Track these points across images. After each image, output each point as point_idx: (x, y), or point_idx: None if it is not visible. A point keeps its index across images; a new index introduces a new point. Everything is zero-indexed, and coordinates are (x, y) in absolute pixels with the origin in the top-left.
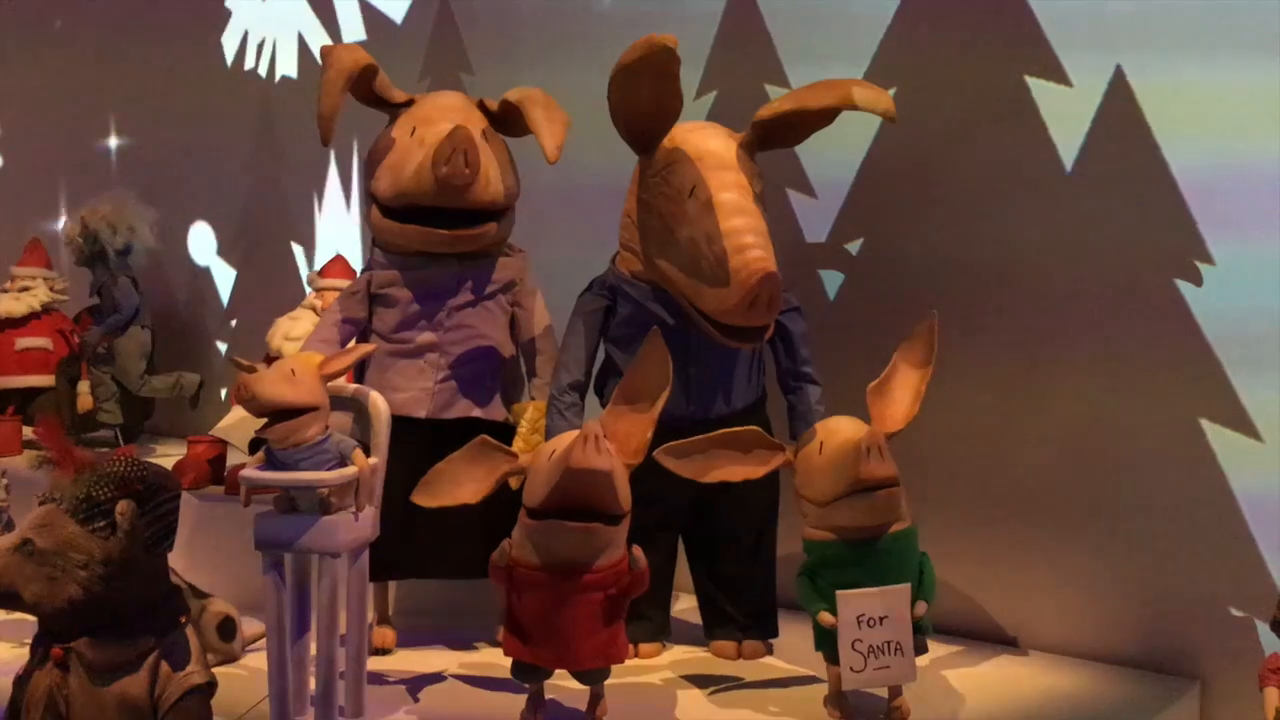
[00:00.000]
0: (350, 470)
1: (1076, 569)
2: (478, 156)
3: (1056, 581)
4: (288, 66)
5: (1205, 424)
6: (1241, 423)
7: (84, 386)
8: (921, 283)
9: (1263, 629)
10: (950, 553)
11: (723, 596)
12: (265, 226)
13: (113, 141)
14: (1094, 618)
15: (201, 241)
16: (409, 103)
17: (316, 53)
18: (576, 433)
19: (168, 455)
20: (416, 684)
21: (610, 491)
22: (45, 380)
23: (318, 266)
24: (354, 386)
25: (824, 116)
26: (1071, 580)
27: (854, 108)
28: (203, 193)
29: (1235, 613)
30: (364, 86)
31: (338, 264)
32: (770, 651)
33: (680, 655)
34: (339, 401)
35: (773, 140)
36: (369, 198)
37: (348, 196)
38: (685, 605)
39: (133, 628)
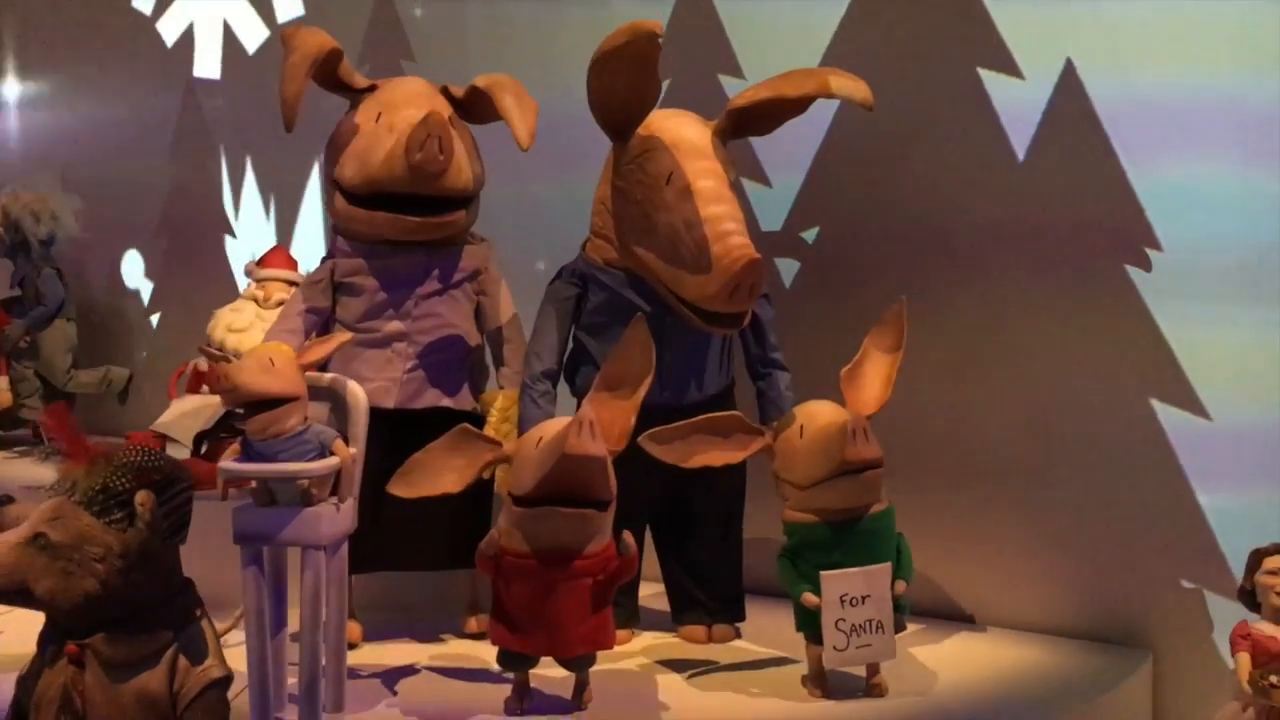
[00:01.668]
0: (333, 460)
1: (1030, 546)
2: (451, 143)
3: (1011, 558)
4: (211, 52)
5: (1155, 402)
6: (1190, 401)
7: (3, 382)
8: (877, 270)
9: (1213, 600)
10: (907, 532)
11: (691, 582)
12: (188, 216)
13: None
14: (1048, 593)
15: (121, 231)
16: (371, 88)
17: (231, 45)
18: (566, 420)
19: None
20: (391, 677)
21: (603, 477)
22: None
23: (251, 257)
24: (330, 376)
25: (800, 105)
26: (1026, 557)
27: (831, 96)
28: (123, 181)
29: (1186, 585)
30: (325, 71)
31: (277, 254)
32: (739, 635)
33: (650, 641)
34: (315, 391)
35: (746, 128)
36: (331, 184)
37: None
38: (648, 591)
39: (149, 622)
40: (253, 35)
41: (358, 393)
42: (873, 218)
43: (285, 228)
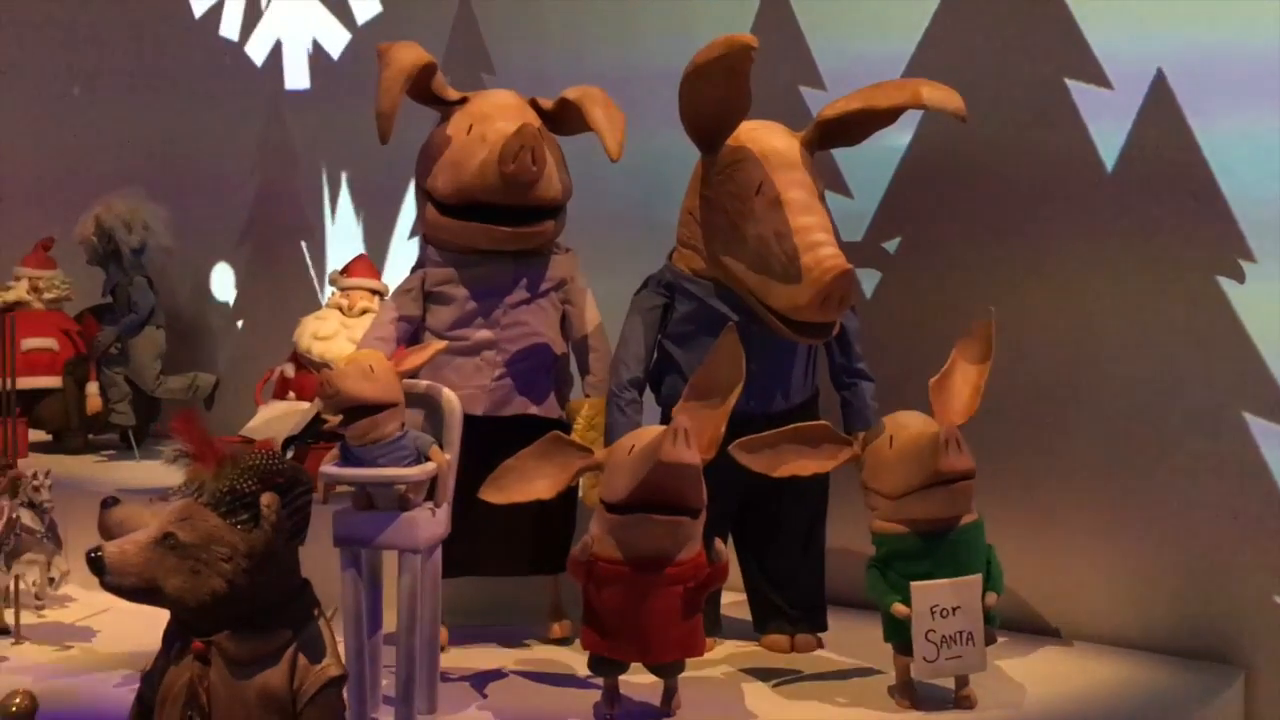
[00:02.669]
0: (430, 466)
1: (1119, 558)
2: (544, 153)
3: (1099, 571)
4: (298, 66)
5: (1247, 415)
6: None
7: (93, 388)
8: (960, 280)
9: None
10: (992, 544)
11: (773, 591)
12: (272, 226)
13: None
14: (1137, 607)
15: (206, 240)
16: (462, 100)
17: (315, 60)
18: (658, 428)
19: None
20: (480, 680)
21: (696, 485)
22: (52, 381)
23: (331, 266)
24: (425, 383)
25: (890, 116)
26: (1114, 570)
27: (923, 107)
28: (210, 191)
29: None
30: (418, 84)
31: (360, 263)
32: (821, 645)
33: (732, 650)
34: (411, 398)
35: (834, 139)
36: (423, 195)
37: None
38: (729, 599)
39: (271, 621)
40: (336, 49)
41: (452, 400)
42: (956, 227)
43: (370, 237)
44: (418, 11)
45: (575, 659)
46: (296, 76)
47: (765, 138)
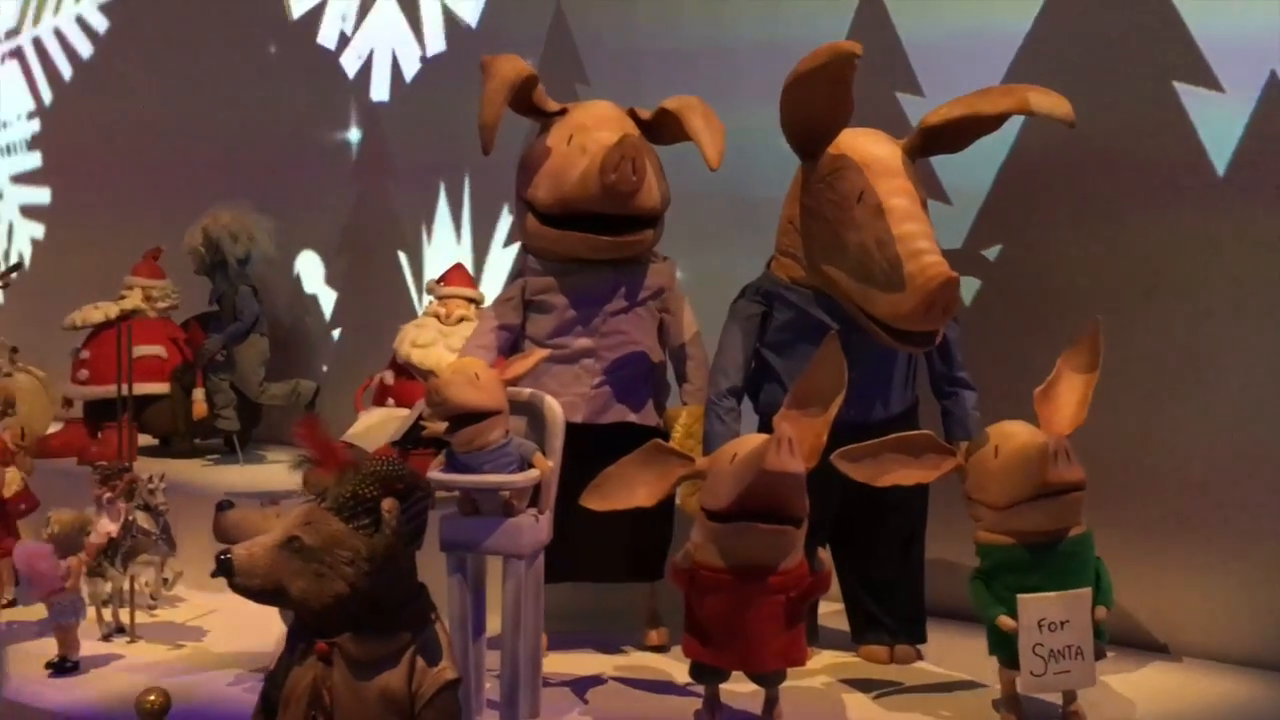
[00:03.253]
0: (534, 473)
1: (1230, 574)
2: (644, 163)
3: (1209, 587)
4: (390, 77)
5: None
6: None
7: (199, 394)
8: (1063, 288)
9: None
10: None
11: (872, 601)
12: (370, 235)
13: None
14: (1247, 624)
15: (305, 250)
16: (562, 111)
17: (409, 70)
18: (760, 436)
19: (279, 461)
20: (580, 686)
21: (800, 494)
22: (160, 387)
23: (428, 275)
24: (529, 391)
25: (995, 122)
26: (1224, 586)
27: (1030, 113)
28: (308, 202)
29: None
30: (519, 96)
31: (457, 272)
32: (921, 657)
33: (830, 660)
34: (514, 406)
35: (936, 146)
36: (523, 205)
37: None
38: (826, 609)
39: (391, 623)
40: (433, 60)
41: (555, 407)
42: (1059, 234)
43: (466, 246)
44: (513, 22)
45: (673, 666)
46: (388, 87)
47: (866, 145)
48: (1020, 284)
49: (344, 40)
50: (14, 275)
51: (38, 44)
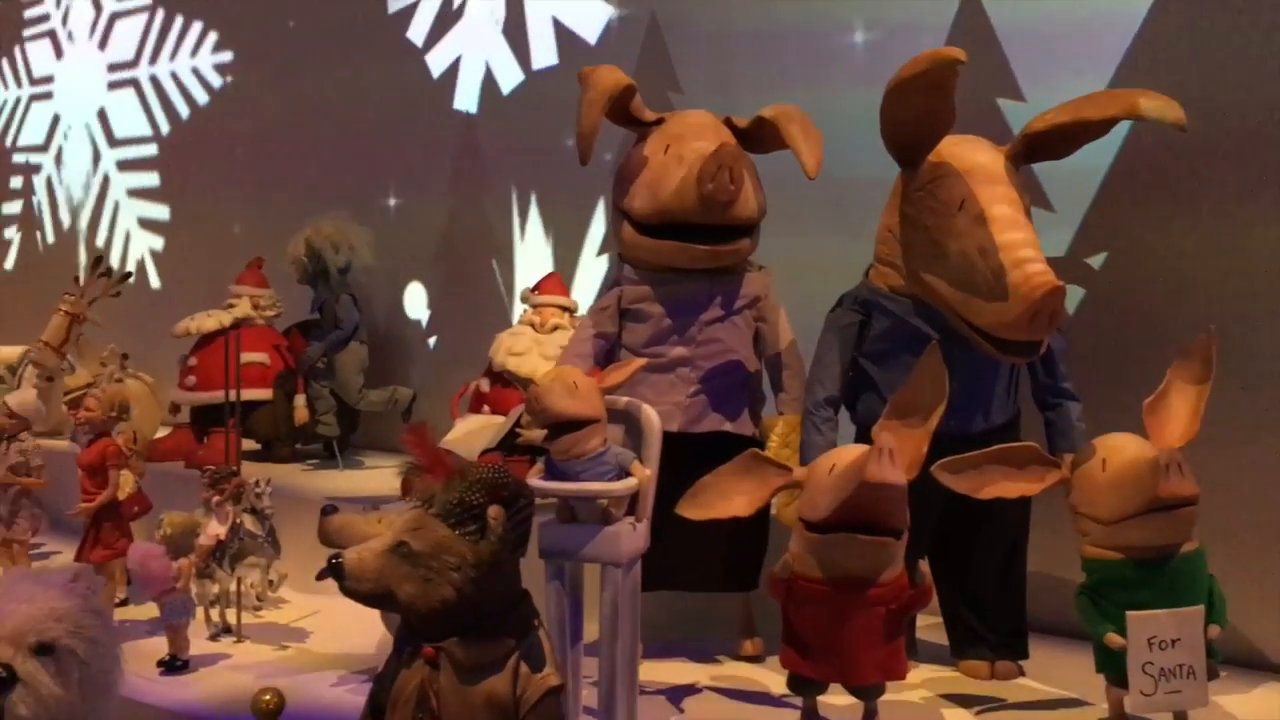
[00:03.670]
0: (632, 481)
1: None
2: (741, 173)
3: None
4: (480, 87)
5: None
6: None
7: (300, 400)
8: (1172, 297)
9: None
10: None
11: (973, 615)
12: (464, 244)
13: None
14: None
15: (402, 259)
16: (659, 121)
17: (503, 81)
18: (860, 447)
19: (376, 467)
20: (675, 695)
21: (901, 505)
22: (263, 394)
23: (521, 285)
24: (625, 399)
25: (1102, 128)
26: None
27: (1140, 118)
28: (405, 212)
29: None
30: (617, 106)
31: (551, 280)
32: (1023, 673)
33: (929, 674)
34: (611, 414)
35: (1041, 152)
36: (619, 214)
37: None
38: (923, 622)
39: (496, 629)
40: (526, 71)
41: (652, 416)
42: (1169, 240)
43: (558, 255)
44: (607, 31)
45: (768, 676)
46: (484, 98)
47: (968, 152)
48: (1127, 292)
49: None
50: (122, 285)
51: (154, 80)
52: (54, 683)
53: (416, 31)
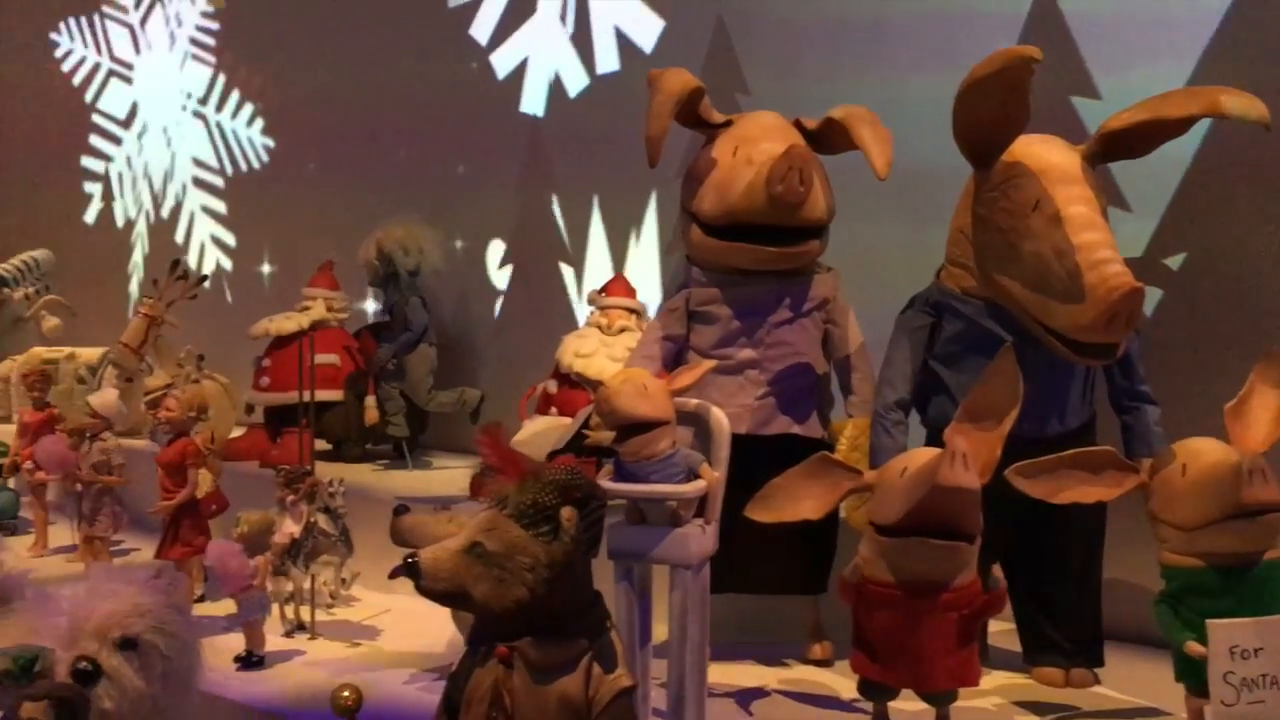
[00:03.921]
0: (701, 483)
1: None
2: (811, 174)
3: None
4: (558, 92)
5: None
6: None
7: (371, 401)
8: (1252, 298)
9: None
10: None
11: (1047, 622)
12: (531, 247)
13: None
14: None
15: (468, 261)
16: (727, 123)
17: (570, 83)
18: (931, 450)
19: (444, 468)
20: (744, 698)
21: (974, 510)
22: (335, 395)
23: (587, 287)
24: (695, 402)
25: (1181, 126)
26: None
27: (1222, 116)
28: (473, 215)
29: None
30: (685, 108)
31: (618, 283)
32: (1098, 681)
33: (1001, 681)
34: (680, 416)
35: (1117, 152)
36: (688, 216)
37: (610, 217)
38: (995, 628)
39: (569, 630)
40: (593, 74)
41: (721, 418)
42: (1250, 240)
43: (621, 259)
44: (673, 35)
45: (837, 681)
46: (540, 101)
47: (1043, 152)
48: (1207, 293)
49: (521, 64)
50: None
51: (227, 71)
52: (137, 677)
53: (480, 30)
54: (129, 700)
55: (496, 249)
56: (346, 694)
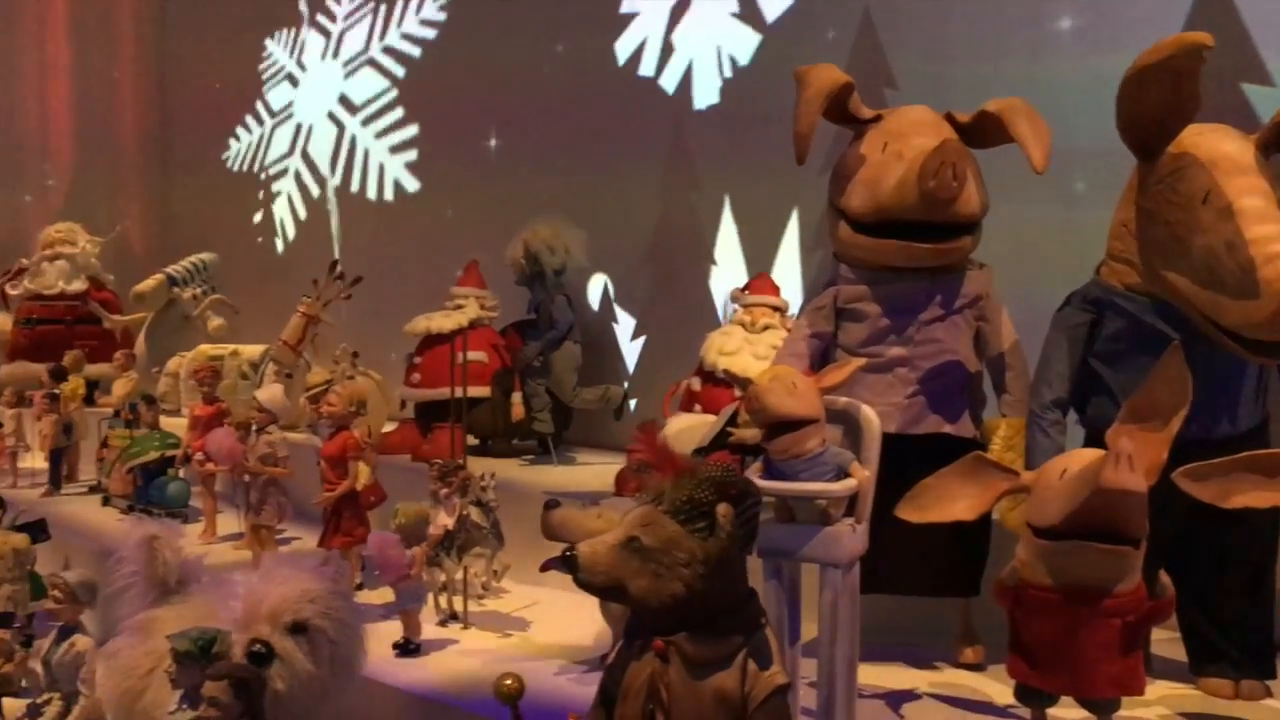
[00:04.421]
0: (852, 482)
1: None
2: (965, 169)
3: None
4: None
5: None
6: None
7: (517, 397)
8: None
9: None
10: None
11: (1215, 631)
12: (673, 245)
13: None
14: None
15: (614, 260)
16: (877, 118)
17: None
18: (1093, 451)
19: (588, 464)
20: (894, 700)
21: (1139, 513)
22: (482, 391)
23: (728, 285)
24: (845, 400)
25: None
26: None
27: None
28: (616, 214)
29: None
30: (835, 104)
31: (762, 280)
32: (1270, 694)
33: (1166, 691)
34: (830, 415)
35: None
36: (836, 213)
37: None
38: (1158, 636)
39: (723, 626)
40: (733, 72)
41: (871, 417)
42: None
43: (762, 257)
44: (818, 30)
45: (990, 685)
46: (683, 99)
47: (1213, 142)
48: None
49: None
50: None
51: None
52: (306, 659)
53: (630, 38)
54: (299, 682)
55: (639, 247)
56: (509, 681)
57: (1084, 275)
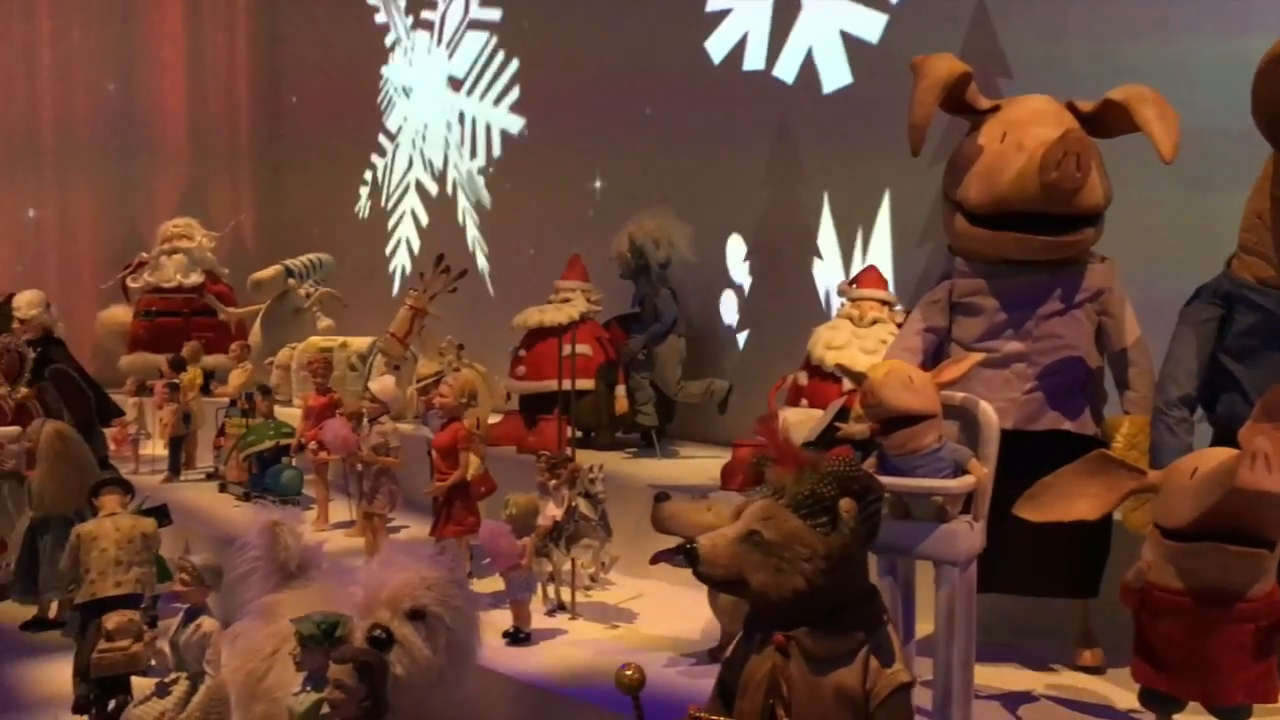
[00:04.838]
0: (969, 479)
1: None
2: (1088, 160)
3: None
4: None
5: None
6: None
7: (621, 390)
8: None
9: None
10: None
11: None
12: (778, 238)
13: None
14: None
15: (719, 254)
16: (994, 108)
17: (819, 71)
18: (1225, 450)
19: (691, 457)
20: (1011, 701)
21: (1275, 514)
22: (586, 384)
23: (840, 278)
24: (962, 395)
25: None
26: None
27: None
28: (722, 208)
29: None
30: (951, 94)
31: (870, 274)
32: None
33: None
34: (947, 410)
35: None
36: (951, 205)
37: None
38: None
39: (845, 622)
40: (846, 65)
41: (989, 413)
42: None
43: (864, 249)
44: (931, 18)
45: (1111, 689)
46: (788, 91)
47: None
48: None
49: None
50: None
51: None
52: (424, 645)
53: (729, 31)
54: (418, 667)
55: (743, 241)
56: (630, 672)
57: (1213, 268)
